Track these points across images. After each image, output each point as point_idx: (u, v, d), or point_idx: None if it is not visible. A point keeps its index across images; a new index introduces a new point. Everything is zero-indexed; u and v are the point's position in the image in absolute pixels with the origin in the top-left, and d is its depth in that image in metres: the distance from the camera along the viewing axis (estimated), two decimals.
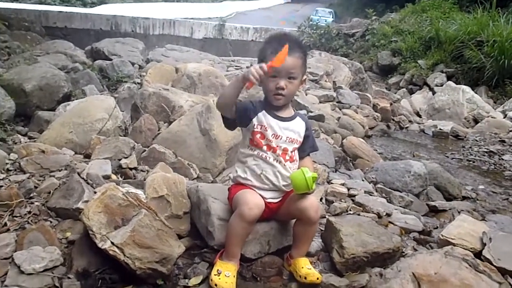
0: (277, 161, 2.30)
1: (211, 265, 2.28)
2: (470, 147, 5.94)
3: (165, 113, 4.25)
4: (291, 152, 2.35)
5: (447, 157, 5.44)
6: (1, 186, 2.72)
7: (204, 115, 3.61)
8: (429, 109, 8.06)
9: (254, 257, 2.38)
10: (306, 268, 2.25)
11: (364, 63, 11.19)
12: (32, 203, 2.60)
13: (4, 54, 6.45)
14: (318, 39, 13.44)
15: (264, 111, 2.29)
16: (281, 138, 2.30)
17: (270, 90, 2.24)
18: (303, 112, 5.25)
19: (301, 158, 2.43)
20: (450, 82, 8.48)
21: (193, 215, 2.66)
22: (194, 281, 2.22)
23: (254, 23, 13.66)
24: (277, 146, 2.29)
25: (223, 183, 3.19)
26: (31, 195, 2.68)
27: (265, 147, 2.29)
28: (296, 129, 2.36)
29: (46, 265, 2.10)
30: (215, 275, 2.15)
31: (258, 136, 2.28)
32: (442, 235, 2.64)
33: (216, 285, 2.10)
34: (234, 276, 2.16)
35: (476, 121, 7.43)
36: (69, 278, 2.08)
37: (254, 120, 2.28)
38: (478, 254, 2.45)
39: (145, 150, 3.54)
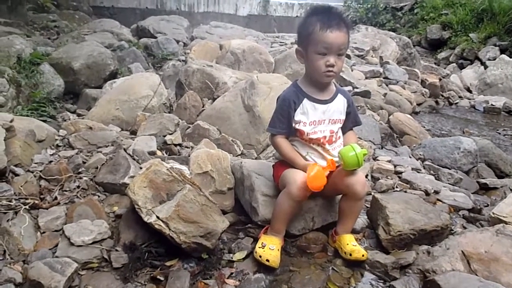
0: (321, 146, 2.29)
1: (255, 240, 2.29)
2: None
3: (209, 89, 4.25)
4: (336, 132, 2.32)
5: (499, 133, 5.23)
6: (51, 161, 2.79)
7: (248, 91, 3.59)
8: (480, 84, 7.75)
9: (298, 233, 2.38)
10: (352, 244, 2.23)
11: (412, 37, 10.80)
12: (80, 178, 2.67)
13: (53, 33, 6.57)
14: (365, 13, 13.04)
15: (306, 99, 2.25)
16: (324, 122, 2.27)
17: (319, 68, 2.16)
18: (348, 88, 5.15)
19: (343, 133, 2.40)
20: (503, 56, 8.10)
21: (237, 191, 2.67)
22: (238, 255, 2.24)
23: None
24: (321, 131, 2.26)
25: (267, 159, 3.18)
26: (80, 170, 2.75)
27: (308, 137, 2.26)
28: (338, 108, 2.32)
29: (94, 237, 2.16)
30: (259, 247, 2.18)
31: (301, 129, 2.26)
32: (493, 213, 2.55)
33: (260, 256, 2.13)
34: (278, 250, 2.18)
35: None
36: (116, 250, 2.13)
37: (297, 117, 2.25)
38: None
39: (189, 127, 3.56)
